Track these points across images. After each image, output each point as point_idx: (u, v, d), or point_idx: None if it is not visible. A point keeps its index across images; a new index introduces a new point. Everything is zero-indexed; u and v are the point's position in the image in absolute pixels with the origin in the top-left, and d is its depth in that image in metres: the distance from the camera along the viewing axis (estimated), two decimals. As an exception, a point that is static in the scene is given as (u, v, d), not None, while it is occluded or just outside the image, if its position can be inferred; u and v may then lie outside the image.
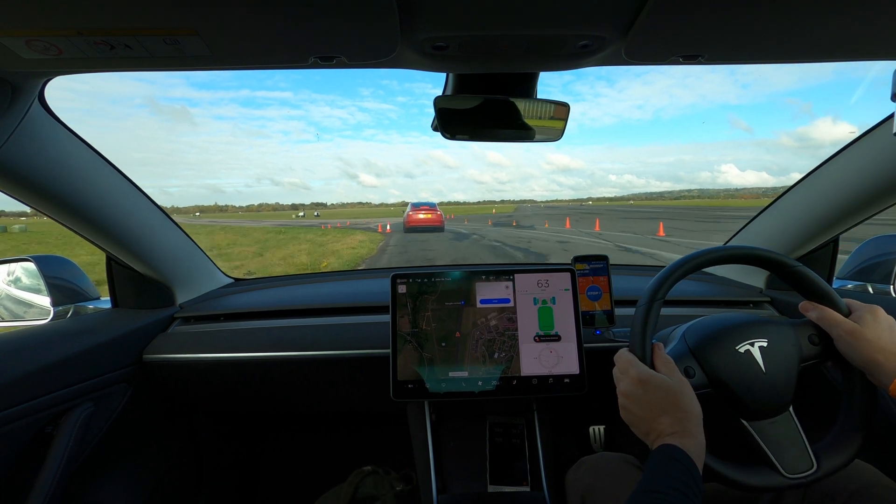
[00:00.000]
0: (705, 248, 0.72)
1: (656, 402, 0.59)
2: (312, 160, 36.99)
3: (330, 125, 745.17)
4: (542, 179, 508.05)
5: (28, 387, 0.77)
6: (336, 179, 33.38)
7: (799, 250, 1.08)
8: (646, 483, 0.52)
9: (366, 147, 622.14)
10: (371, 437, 1.51)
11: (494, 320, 0.93)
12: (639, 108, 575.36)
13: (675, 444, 0.55)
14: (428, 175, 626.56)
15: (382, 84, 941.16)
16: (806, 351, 0.65)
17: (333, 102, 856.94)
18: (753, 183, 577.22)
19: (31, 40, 0.53)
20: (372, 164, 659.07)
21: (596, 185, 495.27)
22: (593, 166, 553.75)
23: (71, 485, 0.83)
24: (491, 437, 1.03)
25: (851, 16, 0.51)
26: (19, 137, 0.70)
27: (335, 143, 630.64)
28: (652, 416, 0.59)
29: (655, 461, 0.54)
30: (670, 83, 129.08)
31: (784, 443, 0.63)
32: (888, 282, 1.06)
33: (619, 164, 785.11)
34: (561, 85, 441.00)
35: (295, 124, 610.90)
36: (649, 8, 0.49)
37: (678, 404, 0.59)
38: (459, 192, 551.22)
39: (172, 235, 1.11)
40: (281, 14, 0.50)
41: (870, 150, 0.86)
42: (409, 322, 0.93)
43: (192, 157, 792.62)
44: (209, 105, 39.69)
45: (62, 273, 1.15)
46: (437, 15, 0.52)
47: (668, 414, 0.58)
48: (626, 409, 0.64)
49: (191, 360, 1.01)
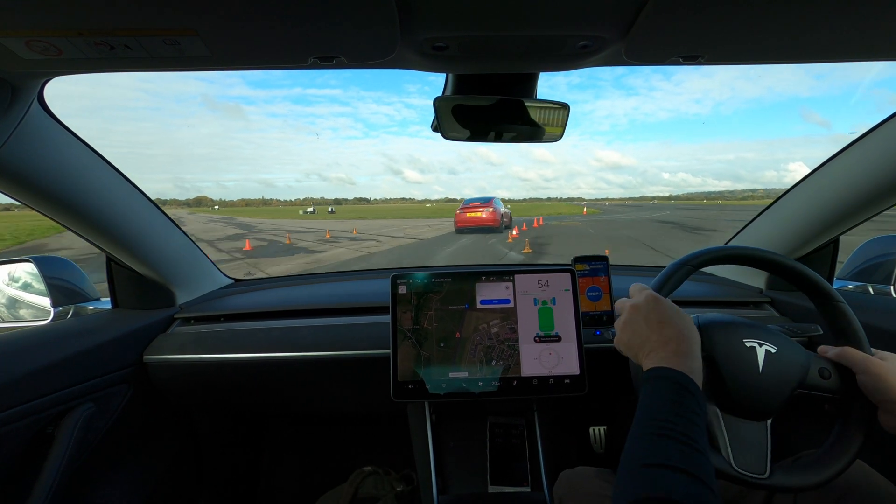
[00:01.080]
0: (727, 246, 0.72)
1: (664, 318, 0.61)
2: (359, 156, 37.28)
3: (376, 122, 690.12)
4: (590, 177, 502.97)
5: (29, 387, 0.77)
6: (381, 175, 32.90)
7: (799, 251, 1.07)
8: (647, 410, 0.51)
9: (411, 143, 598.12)
10: (371, 438, 1.51)
11: (496, 327, 0.93)
12: (697, 103, 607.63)
13: (676, 368, 0.54)
14: (472, 172, 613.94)
15: (429, 81, 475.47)
16: (811, 380, 0.64)
17: (380, 99, 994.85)
18: None
19: (31, 41, 0.53)
20: (416, 160, 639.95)
21: (647, 184, 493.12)
22: (645, 163, 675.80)
23: (72, 485, 0.83)
24: (491, 437, 1.03)
25: (852, 16, 0.51)
26: (19, 138, 0.70)
27: (381, 139, 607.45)
28: (655, 331, 0.60)
29: (657, 385, 0.53)
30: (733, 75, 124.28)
31: (746, 443, 0.62)
32: (888, 282, 1.06)
33: (673, 161, 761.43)
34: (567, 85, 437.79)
35: (343, 121, 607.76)
36: (649, 8, 0.49)
37: (684, 324, 0.60)
38: (503, 190, 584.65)
39: (172, 236, 1.11)
40: (280, 15, 0.50)
41: (870, 151, 0.86)
42: (410, 319, 0.93)
43: (249, 152, 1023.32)
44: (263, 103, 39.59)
45: (62, 273, 1.15)
46: (436, 15, 0.52)
47: (672, 331, 0.59)
48: (629, 324, 0.64)
49: (191, 361, 1.01)
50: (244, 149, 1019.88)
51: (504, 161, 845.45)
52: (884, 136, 0.83)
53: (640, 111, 24.38)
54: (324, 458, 1.50)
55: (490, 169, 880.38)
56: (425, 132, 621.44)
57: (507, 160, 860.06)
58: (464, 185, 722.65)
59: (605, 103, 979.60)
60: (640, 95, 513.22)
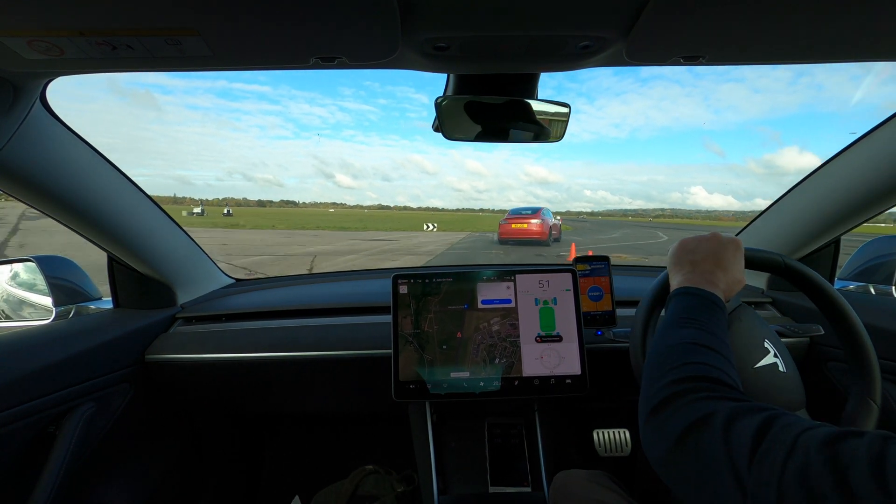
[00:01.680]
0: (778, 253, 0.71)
1: (722, 255, 0.61)
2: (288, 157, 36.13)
3: (309, 123, 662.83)
4: (520, 191, 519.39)
5: (30, 387, 0.78)
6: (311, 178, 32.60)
7: (800, 251, 1.07)
8: (678, 312, 0.53)
9: (344, 147, 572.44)
10: (372, 438, 1.51)
11: (497, 325, 0.93)
12: (616, 127, 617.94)
13: (713, 291, 0.56)
14: (406, 179, 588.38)
15: (364, 85, 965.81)
16: None
17: (313, 100, 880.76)
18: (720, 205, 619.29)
19: (33, 41, 0.53)
20: (349, 164, 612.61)
21: (571, 200, 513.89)
22: (570, 180, 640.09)
23: (73, 484, 0.83)
24: (490, 438, 1.03)
25: (852, 16, 0.51)
26: (21, 138, 0.70)
27: (313, 140, 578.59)
28: (706, 260, 0.61)
29: (689, 300, 0.55)
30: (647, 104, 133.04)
31: None
32: (889, 282, 1.06)
33: (594, 179, 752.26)
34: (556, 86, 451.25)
35: (272, 119, 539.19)
36: (650, 9, 0.49)
37: (737, 267, 0.62)
38: (437, 199, 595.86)
39: (174, 236, 1.11)
40: (282, 15, 0.50)
41: (871, 151, 0.86)
42: (411, 323, 0.93)
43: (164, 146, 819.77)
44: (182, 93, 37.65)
45: (64, 273, 1.15)
46: (438, 16, 0.52)
47: (722, 267, 0.60)
48: (702, 242, 0.64)
49: (192, 361, 1.02)
50: (158, 142, 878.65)
51: (438, 170, 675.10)
52: (884, 136, 0.83)
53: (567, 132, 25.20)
54: (324, 458, 1.50)
55: (425, 177, 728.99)
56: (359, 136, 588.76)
57: (442, 170, 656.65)
58: (397, 192, 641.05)
59: None
60: None
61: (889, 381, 0.86)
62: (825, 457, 0.29)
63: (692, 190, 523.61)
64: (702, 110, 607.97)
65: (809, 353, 1.02)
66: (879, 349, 0.67)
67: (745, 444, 0.33)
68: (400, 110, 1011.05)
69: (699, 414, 0.38)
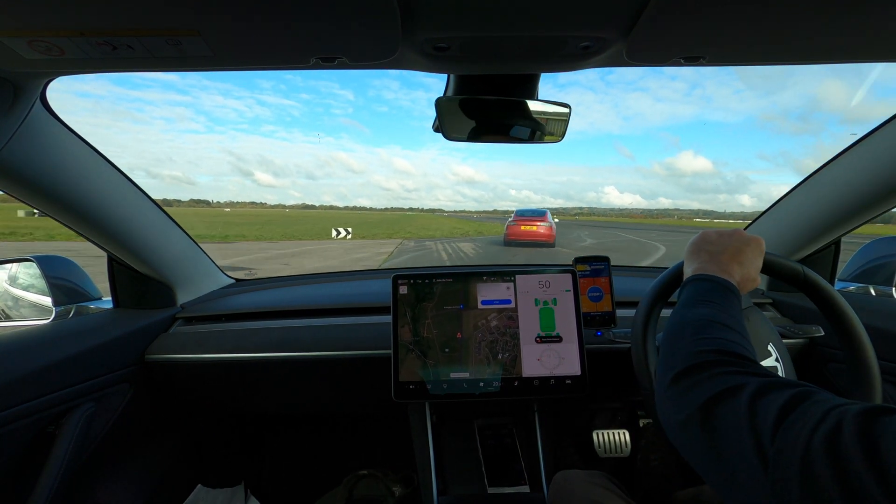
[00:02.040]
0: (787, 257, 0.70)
1: (740, 249, 0.61)
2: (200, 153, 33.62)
3: (223, 116, 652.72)
4: (448, 190, 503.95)
5: (30, 386, 0.78)
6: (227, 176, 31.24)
7: (801, 252, 1.07)
8: (693, 295, 0.53)
9: (264, 143, 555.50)
10: (372, 438, 1.50)
11: (494, 321, 0.93)
12: None
13: (729, 280, 0.56)
14: (331, 178, 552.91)
15: (285, 78, 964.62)
16: None
17: (228, 92, 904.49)
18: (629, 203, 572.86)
19: (34, 41, 0.53)
20: (269, 161, 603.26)
21: (498, 199, 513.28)
22: (496, 180, 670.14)
23: (73, 484, 0.83)
24: (482, 440, 1.03)
25: (853, 17, 0.51)
26: (21, 137, 0.70)
27: (228, 136, 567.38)
28: (724, 252, 0.61)
29: (704, 285, 0.55)
30: None
31: None
32: (890, 284, 1.06)
33: (519, 179, 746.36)
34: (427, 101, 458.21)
35: (181, 111, 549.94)
36: (651, 9, 0.49)
37: (753, 264, 0.61)
38: (364, 198, 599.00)
39: (174, 236, 1.11)
40: (283, 15, 0.50)
41: (871, 152, 0.86)
42: (409, 331, 0.92)
43: None
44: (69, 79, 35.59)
45: (64, 273, 1.15)
46: (438, 16, 0.52)
47: (738, 262, 0.60)
48: (721, 235, 0.64)
49: (192, 361, 1.02)
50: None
51: (365, 169, 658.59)
52: (884, 137, 0.83)
53: None
54: (324, 458, 1.50)
55: (351, 176, 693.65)
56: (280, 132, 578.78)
57: (369, 168, 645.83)
58: (322, 192, 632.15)
59: None
60: None
61: (889, 382, 0.86)
62: (857, 427, 0.28)
63: (606, 190, 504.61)
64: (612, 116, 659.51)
65: (809, 355, 1.02)
66: (879, 350, 0.67)
67: (771, 415, 0.32)
68: (324, 106, 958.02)
69: (727, 385, 0.37)
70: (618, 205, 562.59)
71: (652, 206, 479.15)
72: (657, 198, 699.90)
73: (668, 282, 0.71)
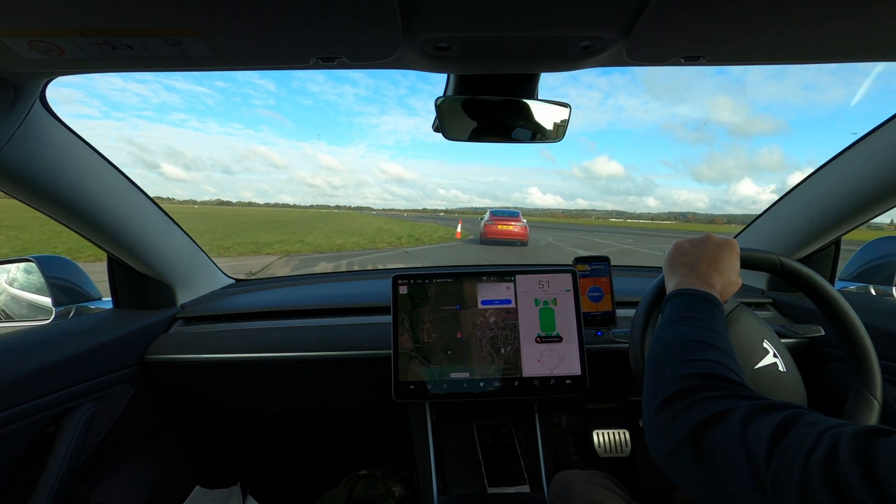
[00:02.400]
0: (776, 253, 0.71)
1: (717, 255, 0.61)
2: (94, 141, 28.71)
3: (123, 101, 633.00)
4: (376, 188, 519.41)
5: (30, 387, 0.78)
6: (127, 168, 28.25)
7: (801, 252, 1.07)
8: (676, 312, 0.53)
9: (172, 133, 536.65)
10: (372, 438, 1.51)
11: (493, 317, 0.93)
12: None
13: (710, 292, 0.56)
14: (251, 172, 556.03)
15: None
16: None
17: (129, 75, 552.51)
18: (551, 204, 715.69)
19: (34, 41, 0.53)
20: (179, 153, 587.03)
21: (427, 198, 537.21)
22: (425, 179, 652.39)
23: (73, 484, 0.83)
24: (480, 440, 1.03)
25: (853, 17, 0.51)
26: (21, 138, 0.70)
27: (129, 123, 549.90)
28: (701, 261, 0.61)
29: (686, 300, 0.55)
30: None
31: None
32: (890, 283, 1.06)
33: (447, 178, 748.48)
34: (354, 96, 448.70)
35: (67, 93, 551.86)
36: (651, 9, 0.49)
37: (732, 269, 0.61)
38: (288, 195, 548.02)
39: (174, 236, 1.11)
40: (283, 15, 0.50)
41: (871, 152, 0.86)
42: (409, 338, 0.92)
43: None
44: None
45: (64, 273, 1.16)
46: (438, 16, 0.52)
47: (716, 270, 0.60)
48: (695, 244, 0.64)
49: (192, 361, 1.02)
50: None
51: (288, 164, 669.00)
52: (884, 137, 0.83)
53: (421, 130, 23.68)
54: (324, 458, 1.50)
55: (273, 171, 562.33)
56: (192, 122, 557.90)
57: (292, 163, 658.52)
58: (241, 187, 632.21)
59: (390, 119, 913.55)
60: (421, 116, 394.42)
61: (889, 381, 0.86)
62: (854, 449, 0.28)
63: (529, 190, 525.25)
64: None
65: (809, 355, 1.02)
66: (880, 350, 0.67)
67: (764, 439, 0.32)
68: (242, 95, 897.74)
69: (715, 410, 0.37)
70: (541, 205, 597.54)
71: (571, 207, 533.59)
72: (576, 199, 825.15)
73: (657, 294, 0.72)
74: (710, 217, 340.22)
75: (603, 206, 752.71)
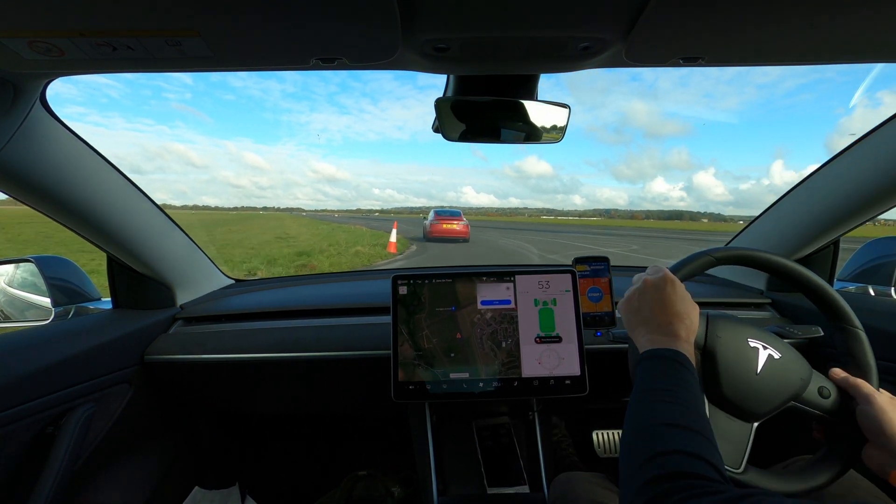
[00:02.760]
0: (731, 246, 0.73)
1: (674, 303, 0.62)
2: None
3: None
4: (308, 188, 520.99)
5: (29, 387, 0.77)
6: None
7: (800, 252, 1.07)
8: (646, 381, 0.52)
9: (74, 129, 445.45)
10: (371, 438, 1.51)
11: (490, 312, 0.93)
12: (399, 129, 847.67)
13: (674, 348, 0.56)
14: (165, 172, 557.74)
15: None
16: (808, 395, 0.65)
17: None
18: (485, 203, 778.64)
19: (34, 41, 0.53)
20: None
21: (361, 198, 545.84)
22: (359, 178, 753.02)
23: (72, 485, 0.83)
24: (480, 440, 1.03)
25: (852, 17, 0.51)
26: (21, 138, 0.70)
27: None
28: (662, 311, 0.61)
29: (655, 363, 0.55)
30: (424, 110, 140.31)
31: (728, 437, 0.63)
32: (889, 283, 1.06)
33: (382, 178, 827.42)
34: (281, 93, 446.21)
35: None
36: (650, 10, 0.49)
37: (691, 314, 0.61)
38: (210, 196, 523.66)
39: (173, 236, 1.11)
40: (283, 16, 0.50)
41: (870, 152, 0.86)
42: (410, 347, 0.92)
43: None
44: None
45: (63, 273, 1.15)
46: (438, 17, 0.52)
47: (678, 317, 0.60)
48: (639, 297, 0.65)
49: (192, 361, 1.01)
50: None
51: (209, 164, 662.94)
52: (883, 137, 0.83)
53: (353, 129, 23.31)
54: (324, 458, 1.50)
55: (192, 171, 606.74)
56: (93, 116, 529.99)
57: (214, 163, 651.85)
58: (155, 188, 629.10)
59: (320, 117, 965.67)
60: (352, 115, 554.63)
61: (888, 381, 0.86)
62: None
63: (464, 190, 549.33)
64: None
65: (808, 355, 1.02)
66: (879, 350, 0.67)
67: None
68: (153, 88, 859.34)
69: None
70: (475, 204, 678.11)
71: (504, 206, 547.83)
72: (508, 197, 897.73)
73: (685, 264, 0.73)
74: (630, 213, 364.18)
75: (534, 204, 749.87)
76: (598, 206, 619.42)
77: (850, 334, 0.68)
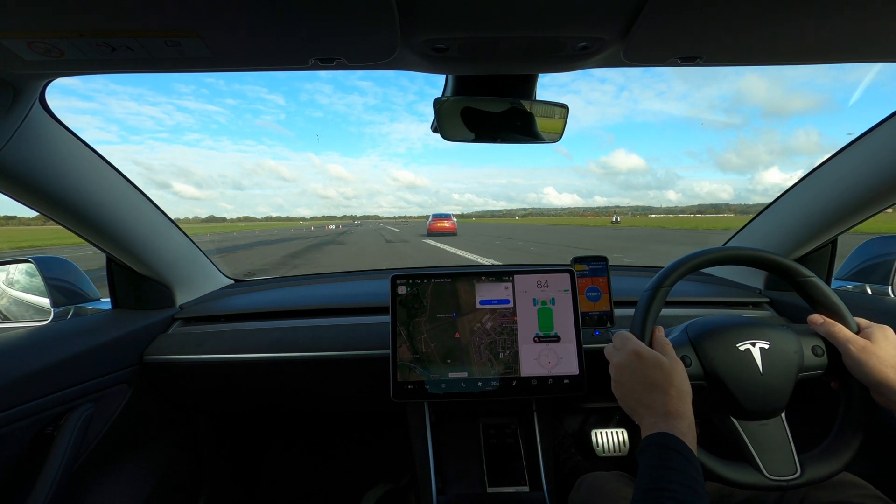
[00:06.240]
0: (712, 248, 0.73)
1: (649, 377, 0.60)
2: None
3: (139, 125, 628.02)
4: (390, 196, 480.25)
5: (28, 388, 0.77)
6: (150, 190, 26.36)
7: (798, 251, 1.08)
8: (648, 481, 0.52)
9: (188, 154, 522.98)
10: (371, 438, 1.51)
11: (490, 322, 0.93)
12: None
13: (669, 432, 0.55)
14: (261, 188, 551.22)
15: (206, 83, 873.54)
16: (808, 361, 0.66)
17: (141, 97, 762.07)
18: (568, 203, 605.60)
19: (33, 42, 0.53)
20: (189, 172, 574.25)
21: (441, 203, 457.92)
22: (438, 184, 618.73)
23: (71, 485, 0.83)
24: (485, 439, 1.03)
25: (851, 17, 0.51)
26: (20, 139, 0.70)
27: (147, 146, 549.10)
28: (644, 391, 0.60)
29: (653, 453, 0.54)
30: None
31: (771, 445, 0.64)
32: (886, 282, 1.06)
33: (460, 183, 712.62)
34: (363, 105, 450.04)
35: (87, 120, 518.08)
36: (648, 10, 0.50)
37: (671, 381, 0.59)
38: (304, 207, 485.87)
39: (173, 237, 1.11)
40: (282, 16, 0.50)
41: (869, 151, 0.86)
42: (408, 350, 0.92)
43: None
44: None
45: (62, 274, 1.15)
46: (436, 17, 0.53)
47: (659, 390, 0.59)
48: (619, 384, 0.64)
49: (191, 361, 1.01)
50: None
51: (298, 177, 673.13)
52: (882, 136, 0.84)
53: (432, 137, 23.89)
54: (323, 458, 1.50)
55: (284, 185, 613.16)
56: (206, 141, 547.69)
57: (302, 176, 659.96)
58: (257, 202, 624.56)
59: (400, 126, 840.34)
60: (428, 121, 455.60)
61: None
62: None
63: (545, 190, 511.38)
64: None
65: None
66: None
67: None
68: (253, 112, 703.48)
69: None
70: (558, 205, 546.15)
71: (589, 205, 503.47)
72: (593, 196, 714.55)
73: (655, 293, 0.72)
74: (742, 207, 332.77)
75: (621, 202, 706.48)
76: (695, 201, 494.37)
77: (805, 285, 0.69)
